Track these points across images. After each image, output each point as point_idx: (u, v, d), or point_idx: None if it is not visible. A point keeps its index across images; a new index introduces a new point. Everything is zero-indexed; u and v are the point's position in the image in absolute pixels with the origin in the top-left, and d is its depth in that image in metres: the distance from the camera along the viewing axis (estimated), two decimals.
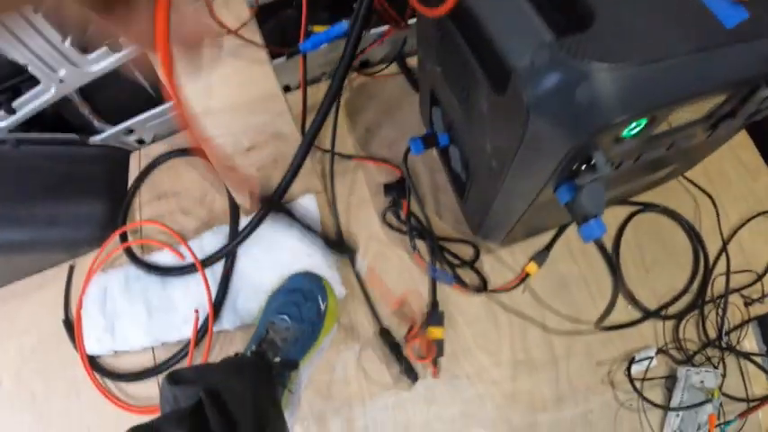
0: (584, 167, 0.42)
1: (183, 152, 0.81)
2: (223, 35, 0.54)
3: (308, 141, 0.56)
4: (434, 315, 0.67)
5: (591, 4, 0.37)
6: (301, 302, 0.63)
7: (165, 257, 0.73)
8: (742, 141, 0.80)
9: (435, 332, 0.66)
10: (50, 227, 0.75)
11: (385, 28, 0.73)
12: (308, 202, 0.72)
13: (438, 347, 0.65)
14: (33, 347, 0.78)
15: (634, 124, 0.38)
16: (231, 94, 0.59)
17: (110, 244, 0.76)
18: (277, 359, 0.59)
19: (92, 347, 0.72)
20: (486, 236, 0.64)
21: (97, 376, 0.72)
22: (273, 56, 0.72)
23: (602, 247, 0.46)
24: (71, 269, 0.79)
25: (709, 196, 0.74)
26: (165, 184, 0.81)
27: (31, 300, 0.80)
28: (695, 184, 0.75)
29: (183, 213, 0.78)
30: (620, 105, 0.36)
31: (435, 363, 0.65)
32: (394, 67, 0.81)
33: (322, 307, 0.64)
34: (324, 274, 0.68)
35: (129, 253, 0.74)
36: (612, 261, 0.46)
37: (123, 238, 0.76)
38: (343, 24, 0.60)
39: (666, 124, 0.43)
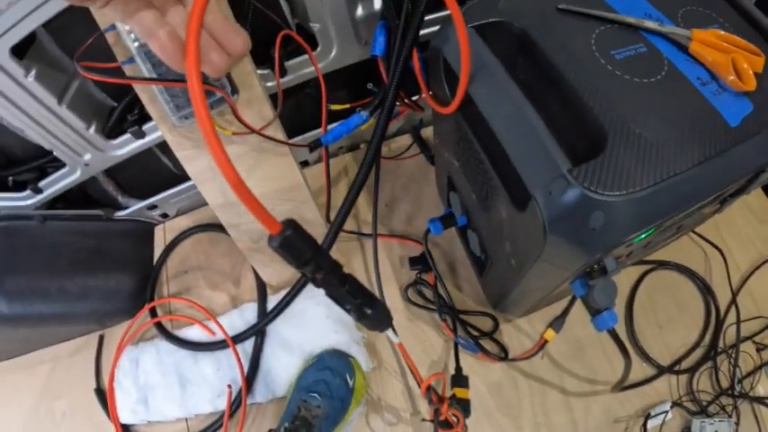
0: (595, 267, 0.43)
1: (207, 227, 0.83)
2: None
3: (337, 227, 0.56)
4: (459, 378, 0.68)
5: (602, 125, 0.38)
6: (330, 380, 0.64)
7: (194, 333, 0.74)
8: None
9: (461, 392, 0.67)
10: (80, 300, 0.76)
11: (399, 105, 0.75)
12: None
13: (464, 409, 0.66)
14: (64, 413, 0.79)
15: (643, 235, 0.39)
16: (255, 186, 0.60)
17: (139, 318, 0.78)
18: None
19: (125, 418, 0.73)
20: (504, 311, 0.66)
21: None
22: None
23: (615, 337, 0.47)
24: (101, 339, 0.81)
25: (718, 249, 0.75)
26: (192, 259, 0.82)
27: (61, 366, 0.81)
28: (704, 239, 0.76)
29: (210, 288, 0.80)
30: (632, 226, 0.37)
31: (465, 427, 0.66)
32: (407, 139, 0.82)
33: (350, 383, 0.65)
34: (350, 350, 0.70)
35: (160, 327, 0.75)
36: (623, 345, 0.48)
37: (152, 312, 0.77)
38: (362, 115, 0.61)
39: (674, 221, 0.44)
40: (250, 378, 0.70)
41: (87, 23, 0.43)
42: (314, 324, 0.69)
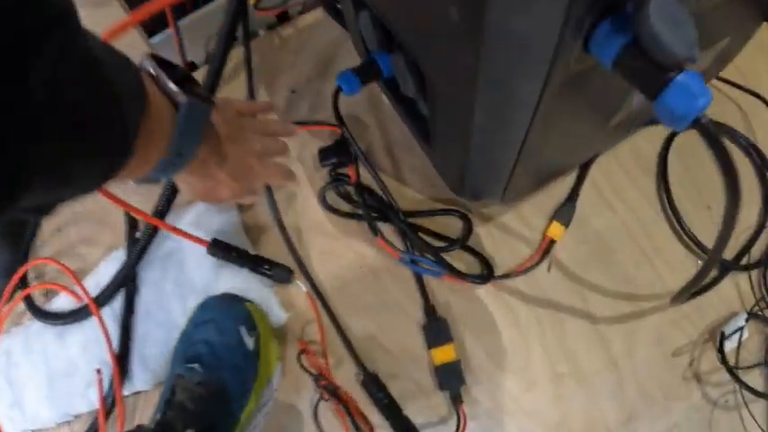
0: None
1: None
2: None
3: None
4: (434, 328, 0.42)
5: None
6: (216, 339, 0.39)
7: (63, 302, 0.51)
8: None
9: (444, 354, 0.41)
10: None
11: None
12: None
13: (454, 376, 0.40)
14: None
15: None
16: None
17: (8, 297, 0.51)
18: (190, 431, 0.35)
19: (6, 427, 0.50)
20: (475, 194, 0.39)
21: None
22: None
23: (714, 139, 0.21)
24: None
25: (758, 96, 0.52)
26: (66, 213, 0.55)
27: None
28: (736, 85, 0.52)
29: (86, 244, 0.52)
30: None
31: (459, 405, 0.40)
32: (318, 15, 0.57)
33: (248, 343, 0.39)
34: (254, 296, 0.43)
35: (29, 303, 0.51)
36: (735, 169, 0.22)
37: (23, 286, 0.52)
38: None
39: None
40: (123, 355, 0.46)
41: None
42: (199, 265, 0.44)
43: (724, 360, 0.42)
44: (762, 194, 0.49)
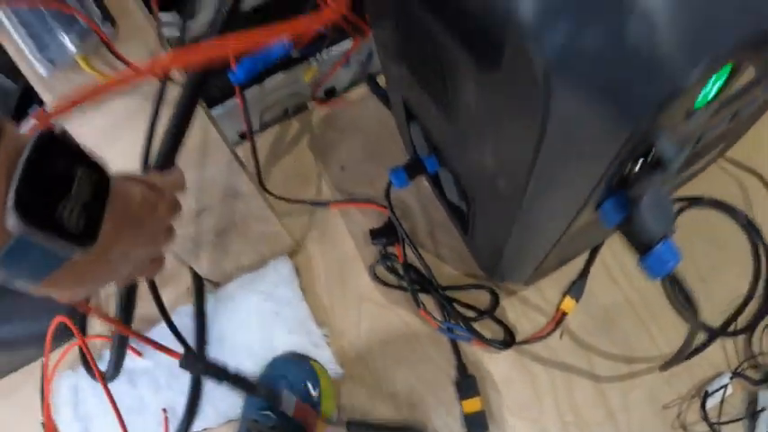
0: (638, 167, 0.25)
1: None
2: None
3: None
4: (465, 383, 0.50)
5: None
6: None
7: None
8: None
9: (472, 405, 0.49)
10: (20, 322, 0.62)
11: (348, 44, 0.58)
12: (281, 267, 0.55)
13: (480, 424, 0.48)
14: None
15: (714, 78, 0.22)
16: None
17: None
18: None
19: None
20: (504, 278, 0.47)
21: None
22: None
23: (679, 283, 0.28)
24: (44, 367, 0.62)
25: (757, 174, 0.58)
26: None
27: (4, 405, 0.64)
28: (737, 164, 0.58)
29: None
30: (700, 44, 0.19)
31: None
32: (364, 92, 0.64)
33: (314, 394, 0.47)
34: (310, 353, 0.52)
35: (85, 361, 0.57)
36: (692, 297, 0.29)
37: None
38: (285, 43, 0.45)
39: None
40: (193, 400, 0.52)
41: None
42: (261, 323, 0.51)
43: (705, 417, 0.49)
44: (753, 268, 0.54)
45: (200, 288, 0.56)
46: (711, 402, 0.50)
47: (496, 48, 0.22)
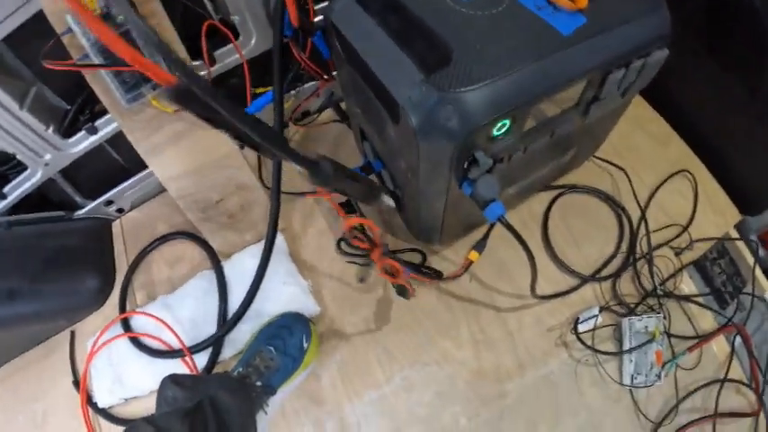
0: (471, 165, 0.55)
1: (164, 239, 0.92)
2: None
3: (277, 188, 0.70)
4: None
5: (448, 43, 0.51)
6: (288, 338, 0.74)
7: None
8: (648, 115, 0.94)
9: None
10: (49, 298, 0.85)
11: (316, 83, 0.88)
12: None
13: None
14: (45, 413, 0.85)
15: (500, 124, 0.52)
16: (196, 159, 0.72)
17: (110, 328, 0.84)
18: (259, 383, 0.70)
19: (104, 400, 0.80)
20: (426, 239, 0.77)
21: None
22: None
23: (506, 224, 0.57)
24: (72, 335, 0.89)
25: (621, 169, 0.88)
26: (161, 271, 0.90)
27: (35, 370, 0.88)
28: (609, 162, 0.89)
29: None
30: (480, 114, 0.49)
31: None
32: (331, 114, 0.95)
33: (305, 346, 0.75)
34: (299, 298, 0.80)
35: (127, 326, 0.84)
36: (516, 231, 0.58)
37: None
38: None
39: (533, 120, 0.56)
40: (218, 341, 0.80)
41: (41, 37, 0.56)
42: (265, 279, 0.79)
43: (576, 332, 0.77)
44: (618, 235, 0.85)
45: (215, 258, 0.84)
46: (584, 328, 0.78)
47: (397, 113, 0.52)
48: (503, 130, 0.53)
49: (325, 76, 0.75)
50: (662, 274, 0.82)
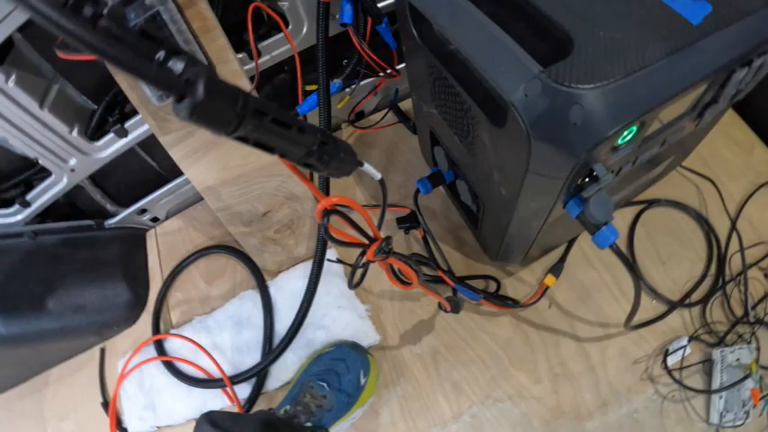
0: (587, 180, 0.44)
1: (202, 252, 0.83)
2: None
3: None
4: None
5: (567, 29, 0.40)
6: (343, 373, 0.65)
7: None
8: (730, 120, 0.83)
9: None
10: (77, 313, 0.77)
11: (375, 79, 0.77)
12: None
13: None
14: None
15: (626, 132, 0.41)
16: (239, 166, 0.62)
17: (141, 350, 0.78)
18: (308, 423, 0.61)
19: (134, 427, 0.73)
20: (504, 259, 0.66)
21: None
22: None
23: (618, 251, 0.47)
24: (102, 352, 0.81)
25: (710, 180, 0.77)
26: (198, 287, 0.82)
27: (65, 386, 0.82)
28: (694, 171, 0.78)
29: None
30: (611, 119, 0.39)
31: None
32: (390, 116, 0.84)
33: (362, 381, 0.65)
34: (355, 324, 0.71)
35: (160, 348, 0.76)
36: (629, 260, 0.48)
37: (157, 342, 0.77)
38: (335, 83, 0.63)
39: (654, 125, 0.46)
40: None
41: None
42: (316, 303, 0.69)
43: (666, 366, 0.68)
44: (706, 254, 0.74)
45: (260, 276, 0.74)
46: (673, 360, 0.68)
47: (502, 115, 0.41)
48: (628, 138, 0.43)
49: (389, 71, 0.65)
50: (753, 298, 0.71)
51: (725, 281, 0.72)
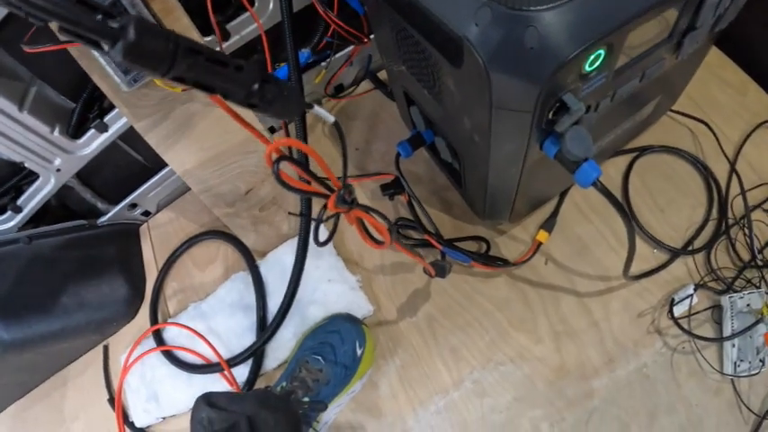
0: (559, 113, 0.42)
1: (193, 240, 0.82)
2: None
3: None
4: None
5: None
6: (338, 345, 0.63)
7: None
8: (722, 62, 0.80)
9: None
10: (77, 312, 0.77)
11: (350, 49, 0.76)
12: None
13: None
14: None
15: (592, 57, 0.39)
16: (215, 145, 0.61)
17: (141, 343, 0.77)
18: (306, 398, 0.59)
19: (141, 420, 0.73)
20: (492, 216, 0.64)
21: None
22: None
23: (603, 189, 0.44)
24: (105, 350, 0.81)
25: (704, 123, 0.74)
26: (192, 275, 0.81)
27: (73, 387, 0.82)
28: (687, 115, 0.74)
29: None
30: (570, 40, 0.37)
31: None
32: (366, 85, 0.83)
33: (358, 352, 0.63)
34: (347, 296, 0.69)
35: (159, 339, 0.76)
36: (616, 199, 0.45)
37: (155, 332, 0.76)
38: (304, 53, 0.62)
39: (627, 53, 0.43)
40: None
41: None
42: (306, 277, 0.68)
43: (673, 316, 0.64)
44: (706, 199, 0.70)
45: (249, 257, 0.73)
46: (680, 310, 0.65)
47: (459, 54, 0.39)
48: (596, 63, 0.40)
49: (359, 36, 0.63)
50: (759, 241, 0.68)
51: (728, 225, 0.68)
